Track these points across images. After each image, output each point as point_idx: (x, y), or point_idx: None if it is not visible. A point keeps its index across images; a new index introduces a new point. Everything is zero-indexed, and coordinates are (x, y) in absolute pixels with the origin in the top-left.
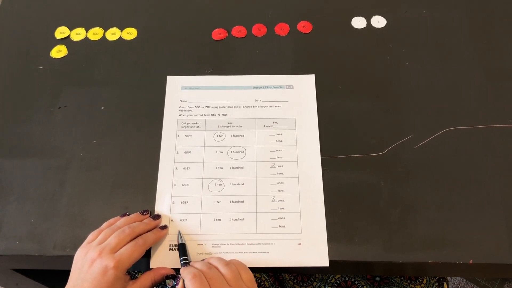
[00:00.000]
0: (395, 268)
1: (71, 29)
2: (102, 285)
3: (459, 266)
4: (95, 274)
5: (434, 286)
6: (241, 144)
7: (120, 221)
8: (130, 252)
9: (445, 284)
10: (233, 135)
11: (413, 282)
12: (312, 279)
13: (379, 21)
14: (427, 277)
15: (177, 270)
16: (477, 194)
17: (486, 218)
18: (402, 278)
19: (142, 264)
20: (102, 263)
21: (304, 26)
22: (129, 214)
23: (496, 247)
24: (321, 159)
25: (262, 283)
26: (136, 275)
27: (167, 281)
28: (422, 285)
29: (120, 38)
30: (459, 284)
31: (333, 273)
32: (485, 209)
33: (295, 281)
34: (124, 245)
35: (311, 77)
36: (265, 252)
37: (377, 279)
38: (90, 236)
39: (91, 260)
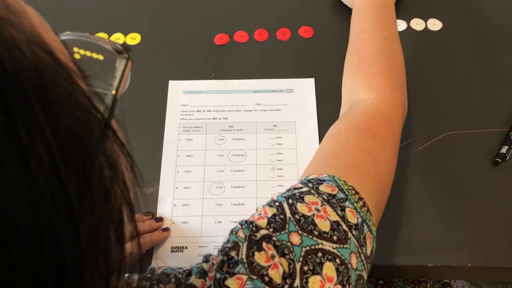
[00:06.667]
0: (394, 271)
1: None
2: None
3: (458, 269)
4: None
5: None
6: (242, 147)
7: None
8: (130, 251)
9: None
10: (234, 139)
11: (416, 286)
12: None
13: None
14: (431, 282)
15: None
16: (476, 198)
17: (485, 222)
18: (405, 282)
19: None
20: None
21: (306, 31)
22: None
23: (495, 251)
24: None
25: None
26: None
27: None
28: None
29: (124, 43)
30: (462, 287)
31: None
32: (483, 213)
33: None
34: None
35: (311, 81)
36: None
37: (380, 282)
38: None
39: None
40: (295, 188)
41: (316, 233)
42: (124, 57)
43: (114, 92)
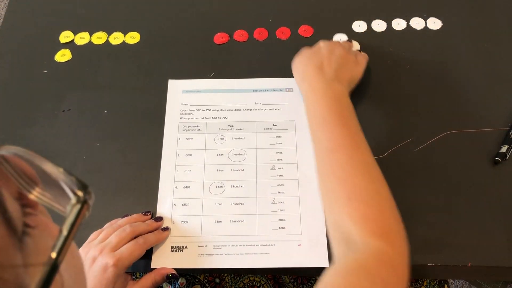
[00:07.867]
0: None
1: (75, 33)
2: (102, 282)
3: (458, 268)
4: (96, 272)
5: None
6: (242, 146)
7: (122, 220)
8: (130, 251)
9: (445, 286)
10: (234, 138)
11: (413, 285)
12: (312, 281)
13: (379, 25)
14: (427, 280)
15: (178, 271)
16: (476, 197)
17: (485, 221)
18: None
19: (143, 265)
20: (102, 260)
21: (305, 30)
22: None
23: (495, 250)
24: None
25: (261, 287)
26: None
27: (164, 284)
28: (423, 287)
29: (123, 42)
30: (462, 287)
31: None
32: (484, 212)
33: (295, 283)
34: (125, 243)
35: None
36: (266, 253)
37: None
38: (92, 236)
39: (92, 259)
40: None
41: None
42: (79, 200)
43: (55, 255)
